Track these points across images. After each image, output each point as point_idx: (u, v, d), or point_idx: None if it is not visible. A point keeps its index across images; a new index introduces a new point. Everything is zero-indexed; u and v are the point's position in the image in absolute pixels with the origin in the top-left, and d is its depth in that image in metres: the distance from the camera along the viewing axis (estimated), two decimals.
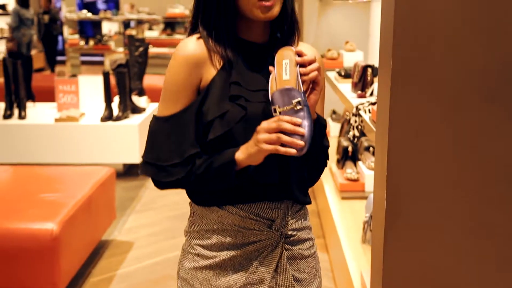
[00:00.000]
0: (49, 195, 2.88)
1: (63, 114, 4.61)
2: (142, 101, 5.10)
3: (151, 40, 10.68)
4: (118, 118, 4.62)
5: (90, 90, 5.06)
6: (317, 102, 1.26)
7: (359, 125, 2.42)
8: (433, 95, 1.13)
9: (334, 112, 4.60)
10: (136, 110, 4.86)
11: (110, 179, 3.34)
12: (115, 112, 4.69)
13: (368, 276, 1.88)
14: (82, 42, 10.61)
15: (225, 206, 1.32)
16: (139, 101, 5.06)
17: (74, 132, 4.56)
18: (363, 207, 2.86)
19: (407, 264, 1.19)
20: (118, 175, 4.40)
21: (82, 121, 4.60)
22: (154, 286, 2.97)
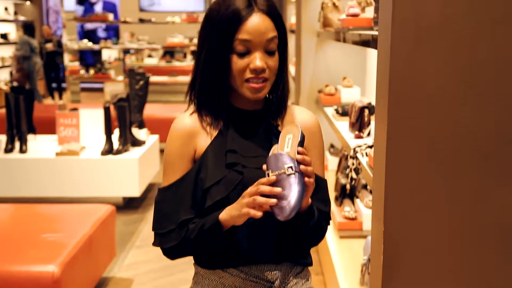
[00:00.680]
0: (50, 235, 2.90)
1: (64, 148, 4.64)
2: (142, 134, 5.14)
3: (151, 67, 10.81)
4: (119, 152, 4.65)
5: (91, 123, 5.10)
6: (312, 189, 1.27)
7: (357, 167, 2.46)
8: (430, 152, 1.17)
9: (332, 146, 4.64)
10: (136, 143, 4.90)
11: (111, 217, 3.36)
12: (115, 145, 4.73)
13: None
14: (83, 71, 10.69)
15: (227, 269, 1.35)
16: (139, 134, 5.11)
17: (75, 166, 4.59)
18: (361, 247, 2.88)
19: None
20: (118, 209, 4.41)
21: (83, 155, 4.64)
22: None
